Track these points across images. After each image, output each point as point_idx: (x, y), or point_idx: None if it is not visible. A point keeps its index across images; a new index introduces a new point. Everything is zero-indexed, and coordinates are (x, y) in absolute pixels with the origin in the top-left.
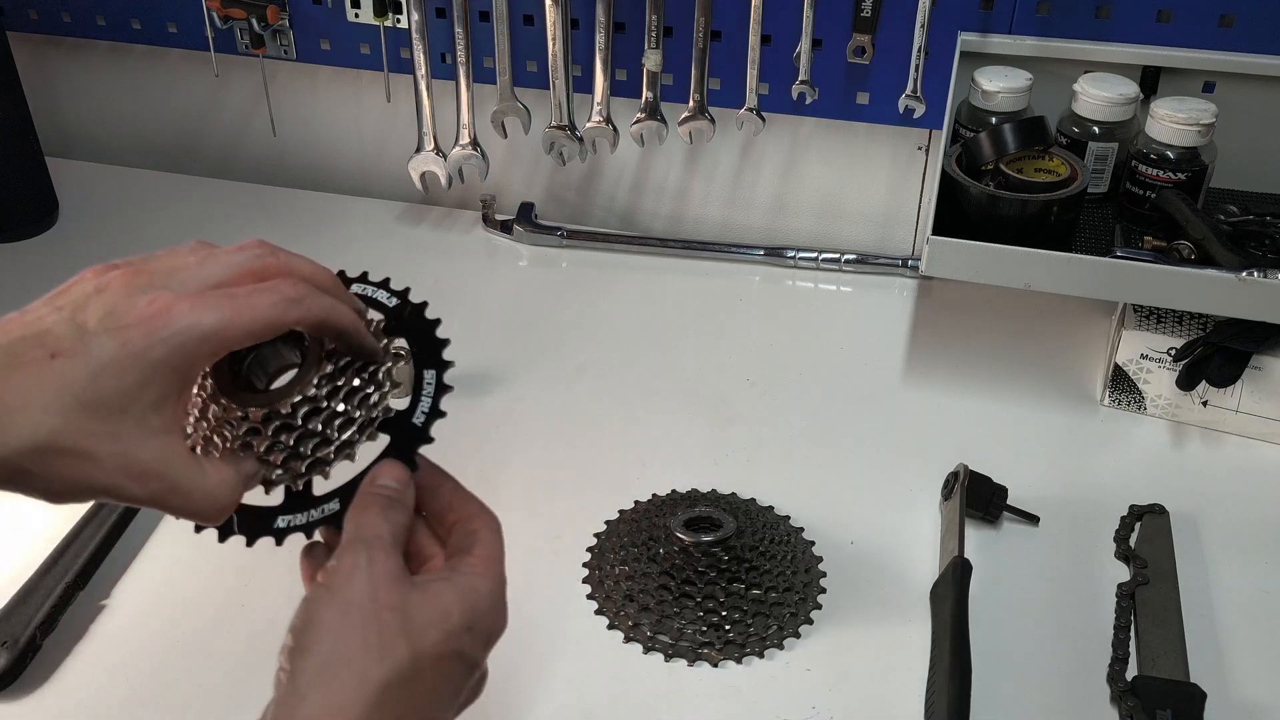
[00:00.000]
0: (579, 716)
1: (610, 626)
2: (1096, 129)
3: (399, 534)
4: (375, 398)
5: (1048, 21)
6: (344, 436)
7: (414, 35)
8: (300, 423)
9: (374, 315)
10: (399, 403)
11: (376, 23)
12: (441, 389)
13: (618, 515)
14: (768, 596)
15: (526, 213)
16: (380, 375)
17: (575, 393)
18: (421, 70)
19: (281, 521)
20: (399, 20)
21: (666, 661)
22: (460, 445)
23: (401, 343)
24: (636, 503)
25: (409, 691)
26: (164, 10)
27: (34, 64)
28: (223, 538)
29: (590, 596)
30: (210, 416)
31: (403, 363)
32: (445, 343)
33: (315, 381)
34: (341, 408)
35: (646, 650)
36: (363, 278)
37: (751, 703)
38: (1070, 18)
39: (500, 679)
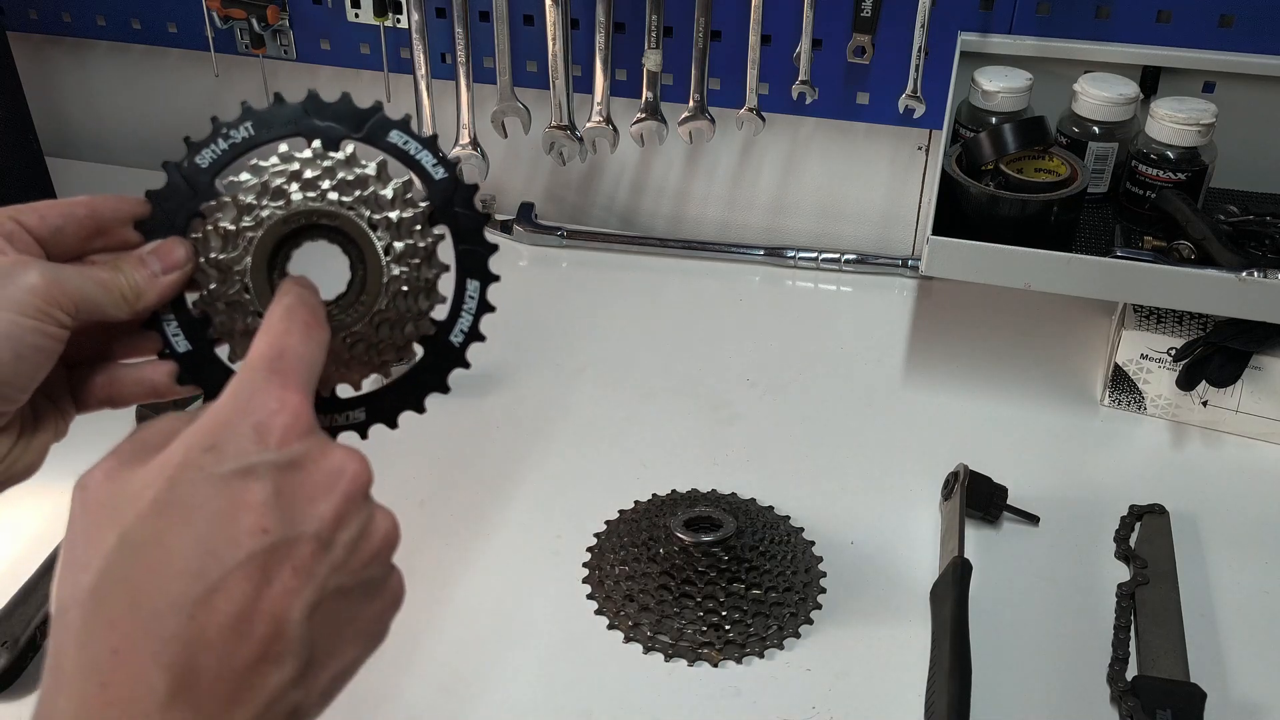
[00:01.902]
0: (579, 716)
1: (610, 626)
2: (1096, 129)
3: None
4: (419, 323)
5: (1048, 21)
6: (383, 359)
7: (414, 35)
8: (344, 346)
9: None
10: (439, 310)
11: (376, 23)
12: (484, 307)
13: (618, 515)
14: (768, 596)
15: (526, 213)
16: (429, 288)
17: (575, 393)
18: (421, 70)
19: None
20: (399, 20)
21: (666, 661)
22: (460, 445)
23: (443, 234)
24: (636, 503)
25: (138, 563)
26: (164, 10)
27: (34, 64)
28: None
29: (590, 596)
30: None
31: (448, 273)
32: (493, 249)
33: (369, 319)
34: (389, 335)
35: (646, 650)
36: (404, 124)
37: (751, 703)
38: (1070, 18)
39: (500, 679)
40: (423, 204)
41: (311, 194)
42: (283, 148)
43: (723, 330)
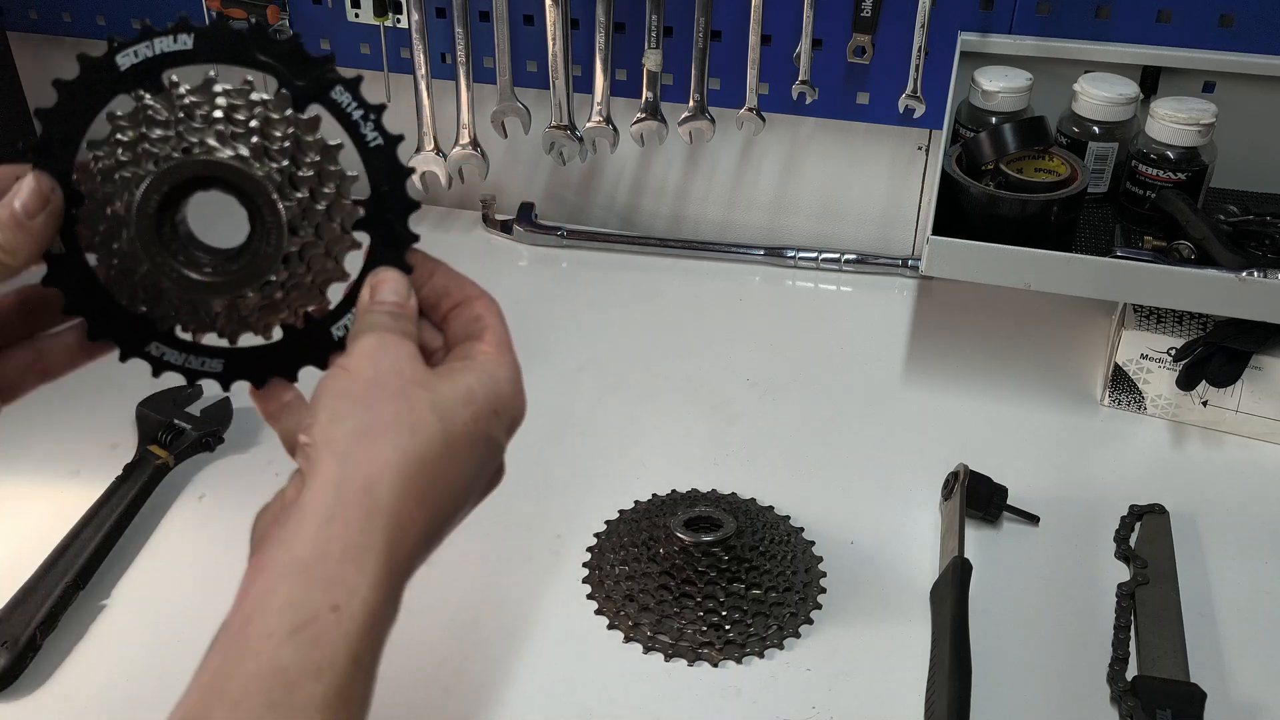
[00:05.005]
0: (579, 716)
1: (610, 626)
2: (1096, 129)
3: (409, 337)
4: (335, 264)
5: (1048, 21)
6: (261, 322)
7: (414, 35)
8: (252, 303)
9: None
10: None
11: (376, 23)
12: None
13: (618, 515)
14: (768, 596)
15: (526, 213)
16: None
17: (575, 393)
18: (421, 70)
19: (155, 349)
20: (399, 20)
21: (666, 661)
22: None
23: (360, 215)
24: (636, 503)
25: (441, 469)
26: (164, 10)
27: (34, 64)
28: (94, 336)
29: (590, 596)
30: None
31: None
32: (414, 238)
33: (277, 270)
34: (308, 278)
35: (646, 650)
36: (353, 84)
37: (751, 703)
38: (1070, 18)
39: (500, 679)
40: (350, 175)
41: (224, 145)
42: (211, 73)
43: (723, 330)
